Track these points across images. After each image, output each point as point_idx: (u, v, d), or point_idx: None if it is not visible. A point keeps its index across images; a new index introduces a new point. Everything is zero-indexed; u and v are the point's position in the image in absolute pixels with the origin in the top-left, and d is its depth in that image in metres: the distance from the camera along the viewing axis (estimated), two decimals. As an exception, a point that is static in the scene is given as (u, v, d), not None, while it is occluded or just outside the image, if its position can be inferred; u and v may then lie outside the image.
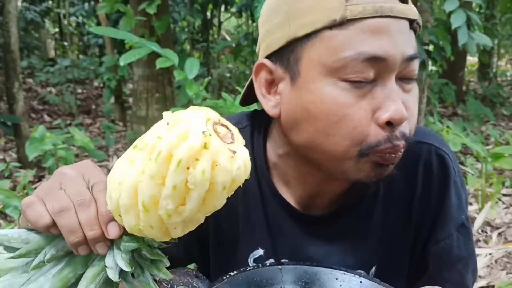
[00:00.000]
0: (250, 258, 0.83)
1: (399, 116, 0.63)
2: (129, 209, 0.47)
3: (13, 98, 2.95)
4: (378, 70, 0.63)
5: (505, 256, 2.29)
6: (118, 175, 0.47)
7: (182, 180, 0.43)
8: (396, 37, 0.63)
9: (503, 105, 6.62)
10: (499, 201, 3.09)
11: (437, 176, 0.79)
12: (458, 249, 0.80)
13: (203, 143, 0.43)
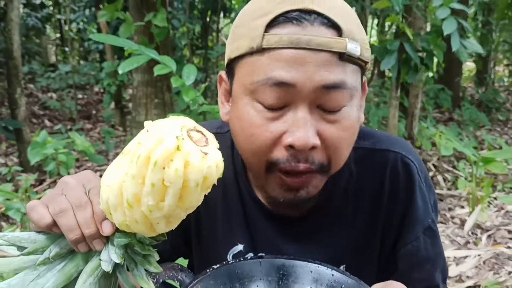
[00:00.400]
0: (230, 253, 0.88)
1: (301, 142, 0.66)
2: (116, 207, 0.54)
3: (15, 104, 3.01)
4: (288, 97, 0.67)
5: (493, 257, 2.35)
6: (107, 179, 0.54)
7: (159, 179, 0.50)
8: (310, 67, 0.65)
9: (499, 110, 6.69)
10: (490, 204, 3.15)
11: (402, 182, 0.84)
12: (425, 250, 0.84)
13: (176, 145, 0.50)
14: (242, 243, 0.87)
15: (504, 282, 2.09)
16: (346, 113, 0.70)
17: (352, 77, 0.69)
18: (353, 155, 0.83)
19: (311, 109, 0.68)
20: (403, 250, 0.85)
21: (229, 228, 0.87)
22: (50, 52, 10.90)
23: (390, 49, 3.01)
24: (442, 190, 3.40)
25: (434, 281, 0.87)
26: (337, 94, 0.68)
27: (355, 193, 0.85)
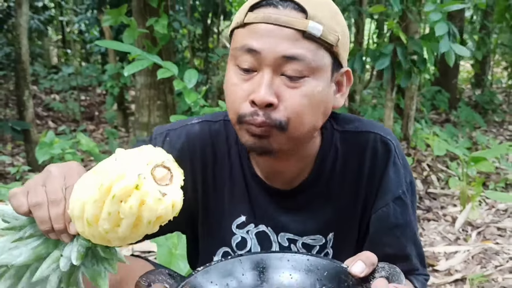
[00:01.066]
0: (234, 224, 1.01)
1: (259, 98, 0.80)
2: (78, 219, 0.62)
3: (23, 105, 3.12)
4: (256, 61, 0.82)
5: (482, 252, 2.45)
6: (77, 191, 0.62)
7: (115, 210, 0.58)
8: (275, 39, 0.80)
9: (495, 112, 6.78)
10: (482, 202, 3.26)
11: (380, 158, 0.97)
12: (394, 217, 0.96)
13: (135, 184, 0.57)
14: (244, 215, 1.00)
15: (490, 275, 2.19)
16: (307, 82, 0.83)
17: (313, 53, 0.82)
18: (339, 137, 0.99)
19: (274, 74, 0.82)
20: (374, 215, 0.98)
21: (233, 202, 1.00)
22: (52, 54, 11.00)
23: (383, 52, 3.12)
24: (436, 189, 3.50)
25: (403, 250, 0.98)
26: (296, 64, 0.81)
27: (341, 170, 0.98)
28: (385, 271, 0.77)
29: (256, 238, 1.02)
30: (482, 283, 2.13)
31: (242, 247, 1.02)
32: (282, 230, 1.01)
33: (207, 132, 1.02)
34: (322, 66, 0.84)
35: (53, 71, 8.35)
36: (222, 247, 1.04)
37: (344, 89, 0.93)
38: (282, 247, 1.02)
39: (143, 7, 3.45)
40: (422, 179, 3.62)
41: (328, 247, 1.02)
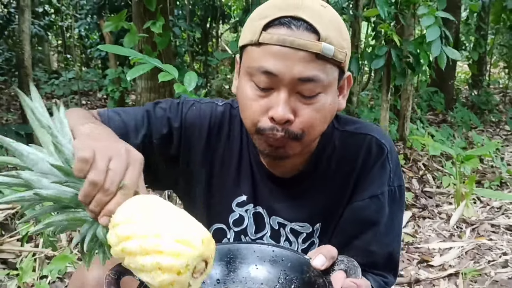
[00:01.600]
0: (234, 202, 1.09)
1: (278, 116, 0.87)
2: (118, 239, 0.65)
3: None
4: (273, 82, 0.88)
5: (475, 248, 2.52)
6: (129, 232, 0.64)
7: (149, 269, 0.63)
8: (291, 62, 0.86)
9: (492, 112, 6.85)
10: (477, 200, 3.32)
11: (372, 158, 1.04)
12: (367, 212, 1.03)
13: (178, 270, 0.62)
14: (246, 195, 1.09)
15: (483, 270, 2.26)
16: (320, 98, 0.90)
17: (326, 72, 0.89)
18: (339, 136, 1.06)
19: (290, 93, 0.88)
20: (349, 207, 1.05)
21: (238, 181, 1.08)
22: (52, 59, 11.07)
23: (378, 54, 3.20)
24: (432, 188, 3.57)
25: (367, 246, 1.04)
26: (310, 85, 0.88)
27: (335, 165, 1.05)
28: (343, 264, 0.82)
29: (253, 218, 1.09)
30: (475, 277, 2.20)
31: (238, 224, 1.10)
32: (274, 214, 1.09)
33: (227, 115, 1.10)
34: (332, 81, 0.92)
35: (54, 76, 8.41)
36: (217, 223, 1.11)
37: (345, 91, 1.01)
38: (273, 229, 1.09)
39: (143, 12, 3.52)
40: (418, 178, 3.69)
41: (314, 237, 1.09)
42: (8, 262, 2.28)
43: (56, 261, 2.05)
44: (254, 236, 1.10)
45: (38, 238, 2.43)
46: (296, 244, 1.09)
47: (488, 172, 4.05)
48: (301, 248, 1.09)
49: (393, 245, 1.08)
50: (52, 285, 2.10)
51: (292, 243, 1.10)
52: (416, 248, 2.56)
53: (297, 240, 1.09)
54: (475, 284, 2.14)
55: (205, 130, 1.07)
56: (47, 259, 2.26)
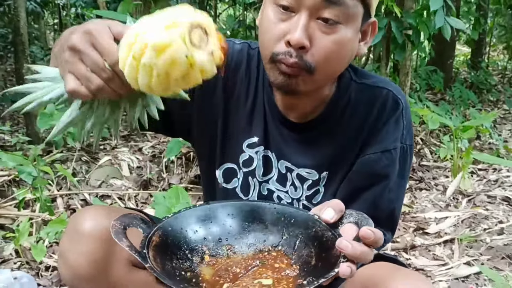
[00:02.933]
0: (245, 143, 1.09)
1: (294, 40, 0.86)
2: (148, 91, 0.67)
3: (22, 79, 3.16)
4: (296, 2, 0.87)
5: (471, 217, 2.53)
6: (129, 74, 0.65)
7: (183, 83, 0.65)
8: None
9: (490, 91, 6.84)
10: (474, 173, 3.33)
11: (387, 112, 1.03)
12: (378, 166, 1.02)
13: (188, 64, 0.62)
14: (257, 137, 1.09)
15: (478, 237, 2.27)
16: (340, 30, 0.89)
17: (352, 1, 0.88)
18: (355, 87, 1.05)
19: (311, 18, 0.88)
20: (361, 159, 1.04)
21: (251, 122, 1.08)
22: (48, 37, 10.96)
23: (378, 26, 3.16)
24: (429, 162, 3.58)
25: (374, 198, 1.03)
26: (334, 9, 0.87)
27: (350, 115, 1.05)
28: (353, 217, 0.81)
29: (262, 160, 1.09)
30: (471, 243, 2.21)
31: (248, 165, 1.10)
32: (283, 158, 1.08)
33: (245, 53, 1.09)
34: (355, 15, 0.90)
35: (50, 52, 8.33)
36: (228, 163, 1.11)
37: (368, 38, 0.99)
38: (280, 173, 1.09)
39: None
40: (415, 152, 3.69)
41: (320, 185, 1.08)
42: (5, 227, 2.29)
43: (52, 224, 2.05)
44: (262, 178, 1.10)
45: (35, 204, 2.43)
46: (301, 190, 1.09)
47: (486, 148, 4.06)
48: (305, 195, 1.09)
49: (397, 202, 1.08)
50: (49, 248, 2.10)
51: (297, 188, 1.09)
52: (413, 218, 2.57)
53: (303, 186, 1.09)
54: (471, 250, 2.15)
55: None
56: (44, 224, 2.26)
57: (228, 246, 0.88)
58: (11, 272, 1.40)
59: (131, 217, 0.82)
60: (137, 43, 0.62)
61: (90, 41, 0.68)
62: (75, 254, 0.93)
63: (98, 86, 0.68)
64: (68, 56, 0.69)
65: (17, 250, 2.05)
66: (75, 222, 0.97)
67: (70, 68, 0.69)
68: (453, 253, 2.13)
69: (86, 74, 0.68)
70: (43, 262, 1.96)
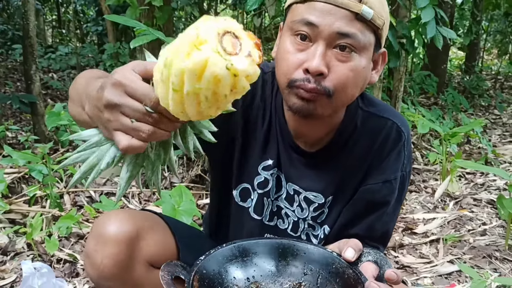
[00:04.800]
0: (261, 165, 1.16)
1: (312, 67, 0.92)
2: (198, 118, 0.62)
3: (31, 79, 3.28)
4: (313, 33, 0.94)
5: (457, 219, 2.68)
6: (176, 109, 0.60)
7: (232, 96, 0.59)
8: (332, 17, 0.92)
9: (482, 96, 7.00)
10: (462, 177, 3.49)
11: (389, 144, 1.11)
12: (378, 195, 1.11)
13: (232, 75, 0.56)
14: (272, 159, 1.15)
15: (463, 237, 2.42)
16: (355, 58, 0.96)
17: (363, 34, 0.94)
18: (361, 115, 1.12)
19: (327, 47, 0.94)
20: (362, 188, 1.13)
21: (266, 145, 1.15)
22: (46, 34, 11.01)
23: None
24: (420, 165, 3.72)
25: (371, 222, 1.12)
26: (348, 40, 0.94)
27: (354, 143, 1.12)
28: (371, 256, 0.89)
29: (275, 180, 1.17)
30: (455, 243, 2.36)
31: (263, 187, 1.17)
32: (291, 181, 1.16)
33: (260, 78, 1.11)
34: (368, 46, 0.97)
35: (50, 50, 8.41)
36: (244, 183, 1.18)
37: (379, 67, 1.06)
38: (288, 194, 1.17)
39: (144, -14, 3.59)
40: (407, 156, 3.83)
41: (325, 207, 1.17)
42: (16, 222, 2.40)
43: (63, 219, 2.17)
44: (274, 197, 1.18)
45: (45, 201, 2.55)
46: (307, 211, 1.17)
47: (475, 153, 4.21)
48: (311, 216, 1.17)
49: (392, 223, 1.17)
50: (60, 242, 2.23)
51: (303, 210, 1.17)
52: (402, 218, 2.71)
53: (309, 208, 1.17)
54: (454, 249, 2.30)
55: None
56: (53, 219, 2.38)
57: (256, 284, 0.92)
58: (32, 263, 1.53)
59: (173, 265, 0.87)
60: (172, 75, 0.57)
61: (123, 91, 0.65)
62: (101, 256, 0.99)
63: (148, 132, 0.65)
64: (107, 114, 0.66)
65: (28, 244, 2.17)
66: (101, 225, 1.03)
67: (115, 126, 0.66)
68: (438, 252, 2.28)
69: (133, 126, 0.65)
70: (54, 255, 2.09)
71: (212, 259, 0.90)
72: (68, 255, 2.10)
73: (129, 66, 0.68)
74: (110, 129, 0.68)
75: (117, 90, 0.66)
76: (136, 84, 0.65)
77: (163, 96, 0.61)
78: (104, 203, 2.34)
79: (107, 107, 0.66)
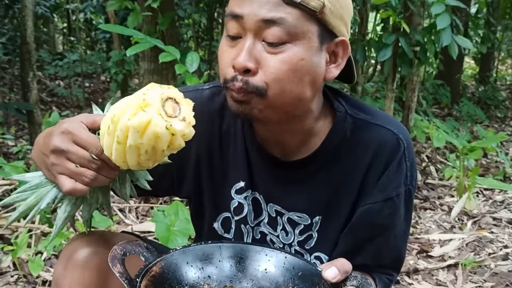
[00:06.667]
0: (233, 189, 1.02)
1: (238, 64, 0.82)
2: (135, 167, 0.73)
3: (27, 87, 3.16)
4: (240, 27, 0.84)
5: (476, 240, 2.49)
6: (118, 159, 0.71)
7: (168, 151, 0.72)
8: (257, 4, 0.81)
9: (498, 107, 6.79)
10: (480, 194, 3.29)
11: (386, 155, 0.94)
12: (380, 216, 0.95)
13: (171, 134, 0.69)
14: (244, 181, 1.01)
15: (483, 262, 2.23)
16: (288, 49, 0.82)
17: (295, 19, 0.81)
18: (351, 123, 0.95)
19: (256, 40, 0.83)
20: (362, 208, 0.96)
21: (235, 167, 1.02)
22: (57, 41, 11.02)
23: (386, 42, 3.14)
24: (434, 180, 3.53)
25: (378, 248, 0.97)
26: (276, 29, 0.81)
27: (345, 155, 0.96)
28: (356, 280, 0.79)
29: (252, 204, 1.02)
30: (475, 269, 2.17)
31: (238, 212, 1.03)
32: (272, 201, 1.01)
33: (216, 97, 1.03)
34: (305, 33, 0.82)
35: (58, 57, 8.38)
36: (223, 212, 1.05)
37: (340, 60, 0.90)
38: (270, 217, 1.02)
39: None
40: (420, 170, 3.65)
41: (313, 230, 1.01)
42: (4, 238, 2.27)
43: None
44: (253, 223, 1.04)
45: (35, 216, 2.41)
46: (292, 235, 1.02)
47: (492, 167, 4.01)
48: (297, 240, 1.02)
49: (402, 246, 1.02)
50: (48, 261, 2.08)
51: (288, 233, 1.02)
52: (416, 239, 2.53)
53: (294, 231, 1.02)
54: (475, 276, 2.11)
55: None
56: (43, 235, 2.24)
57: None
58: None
59: (135, 244, 0.82)
60: (118, 129, 0.68)
61: (71, 139, 0.73)
62: (69, 282, 0.90)
63: (91, 177, 0.73)
64: (53, 159, 0.74)
65: (15, 262, 2.03)
66: (70, 249, 0.93)
67: (59, 170, 0.73)
68: (456, 279, 2.09)
69: (76, 171, 0.73)
70: (40, 276, 1.94)
71: (189, 252, 0.88)
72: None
73: (78, 118, 0.76)
74: (54, 173, 0.74)
75: (65, 138, 0.73)
76: (83, 134, 0.73)
77: (107, 146, 0.71)
78: (97, 219, 2.20)
79: (53, 152, 0.73)
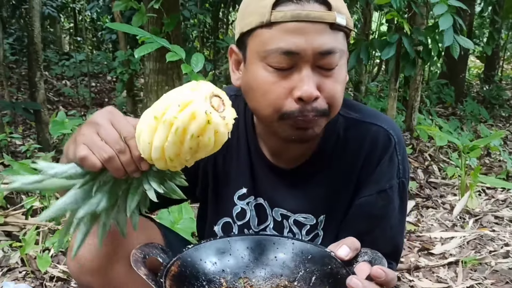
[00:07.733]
0: (236, 195, 1.07)
1: (307, 94, 0.85)
2: (159, 159, 0.71)
3: (35, 86, 3.21)
4: (293, 61, 0.85)
5: (477, 238, 2.51)
6: (146, 137, 0.70)
7: (195, 144, 0.69)
8: (310, 36, 0.83)
9: (502, 106, 6.78)
10: (482, 193, 3.30)
11: (378, 150, 1.00)
12: (375, 208, 1.01)
13: (206, 120, 0.67)
14: (246, 187, 1.06)
15: (484, 259, 2.25)
16: (338, 69, 0.89)
17: (341, 42, 0.88)
18: (343, 123, 1.02)
19: (312, 69, 0.86)
20: (357, 201, 1.02)
21: (237, 174, 1.06)
22: (64, 41, 11.10)
23: (389, 41, 3.16)
24: (437, 179, 3.55)
25: (374, 239, 1.01)
26: (331, 57, 0.87)
27: (340, 155, 1.02)
28: (367, 255, 0.82)
29: (255, 210, 1.07)
30: (475, 266, 2.19)
31: (241, 218, 1.08)
32: (277, 205, 1.06)
33: None
34: (345, 51, 0.91)
35: (65, 57, 8.44)
36: (224, 217, 1.09)
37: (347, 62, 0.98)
38: (275, 221, 1.07)
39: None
40: (423, 169, 3.66)
41: (319, 229, 1.06)
42: (12, 235, 2.32)
43: (58, 233, 2.07)
44: (257, 228, 1.08)
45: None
46: (299, 236, 1.07)
47: (496, 166, 4.02)
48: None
49: (399, 237, 1.07)
50: (55, 258, 2.13)
51: (295, 235, 1.07)
52: (418, 237, 2.56)
53: (301, 231, 1.07)
54: (475, 273, 2.13)
55: None
56: (50, 232, 2.29)
57: (246, 279, 0.90)
58: (14, 285, 1.42)
59: (152, 246, 0.85)
60: (161, 102, 0.69)
61: (110, 118, 0.74)
62: (82, 249, 0.93)
63: (109, 154, 0.71)
64: (85, 129, 0.74)
65: (23, 259, 2.07)
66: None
67: (84, 140, 0.73)
68: (457, 276, 2.11)
69: (99, 143, 0.72)
70: (48, 272, 1.98)
71: (201, 249, 0.90)
72: (62, 271, 1.99)
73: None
74: (78, 142, 0.74)
75: (105, 115, 0.75)
76: (122, 119, 0.75)
77: (146, 139, 0.70)
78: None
79: (89, 123, 0.75)
